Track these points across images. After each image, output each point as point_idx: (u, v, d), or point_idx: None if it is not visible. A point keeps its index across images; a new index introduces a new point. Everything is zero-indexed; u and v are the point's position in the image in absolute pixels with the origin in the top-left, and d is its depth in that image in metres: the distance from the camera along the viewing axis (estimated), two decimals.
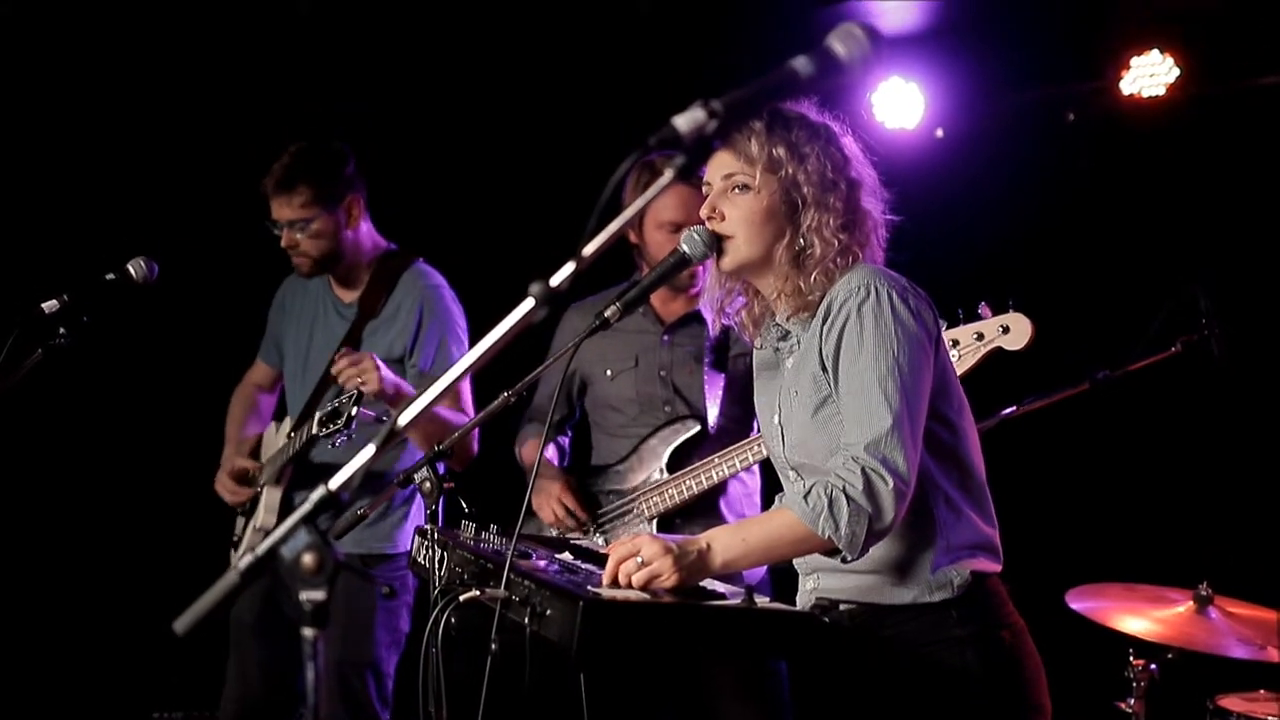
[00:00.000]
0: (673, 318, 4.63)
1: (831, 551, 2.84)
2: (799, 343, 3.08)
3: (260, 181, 4.70)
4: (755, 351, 3.27)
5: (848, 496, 2.77)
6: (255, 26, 5.97)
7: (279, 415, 4.96)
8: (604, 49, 6.24)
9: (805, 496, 2.81)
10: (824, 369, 2.97)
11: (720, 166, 3.04)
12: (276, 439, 4.81)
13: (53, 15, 5.77)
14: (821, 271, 2.99)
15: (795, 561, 3.16)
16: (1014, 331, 4.01)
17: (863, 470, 2.78)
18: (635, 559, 2.78)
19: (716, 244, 3.04)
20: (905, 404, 2.84)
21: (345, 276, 4.84)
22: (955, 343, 4.00)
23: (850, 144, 3.14)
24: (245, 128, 5.87)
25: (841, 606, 3.05)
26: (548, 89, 6.26)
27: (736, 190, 3.03)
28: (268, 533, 4.65)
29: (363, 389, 4.28)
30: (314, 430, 4.37)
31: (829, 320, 2.95)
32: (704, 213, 3.06)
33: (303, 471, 4.73)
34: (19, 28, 5.74)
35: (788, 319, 3.09)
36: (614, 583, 2.78)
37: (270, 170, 4.69)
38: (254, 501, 4.77)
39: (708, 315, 3.28)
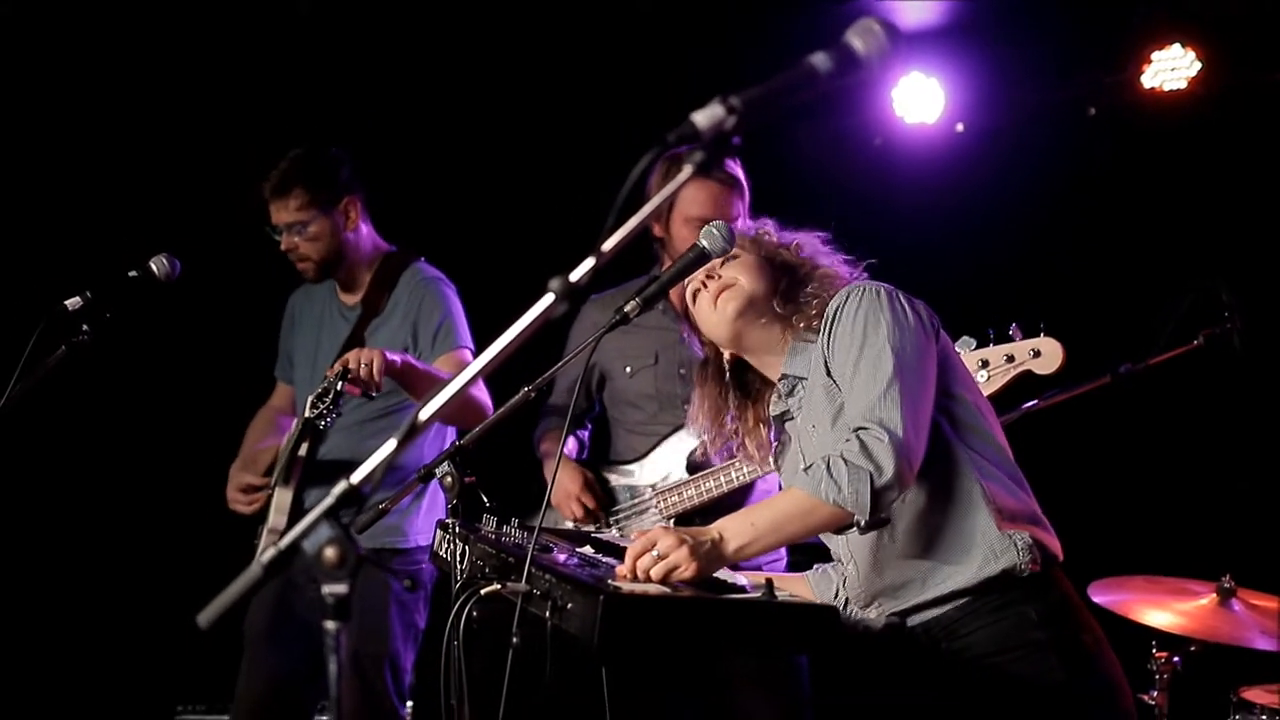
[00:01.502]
0: None
1: (845, 527, 2.86)
2: (803, 385, 3.16)
3: (259, 187, 4.75)
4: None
5: (845, 460, 2.79)
6: (255, 27, 5.98)
7: None
8: (604, 47, 6.24)
9: (805, 470, 2.86)
10: (830, 377, 3.02)
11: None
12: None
13: (60, 15, 5.80)
14: (828, 276, 3.22)
15: (851, 598, 3.16)
16: (1045, 356, 4.02)
17: (856, 435, 2.82)
18: (652, 553, 2.80)
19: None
20: (900, 373, 2.87)
21: (347, 279, 4.89)
22: (985, 363, 4.01)
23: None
24: (254, 126, 5.89)
25: (910, 621, 3.04)
26: (549, 87, 6.26)
27: (725, 262, 3.24)
28: (279, 533, 4.67)
29: (368, 375, 4.26)
30: (306, 414, 4.38)
31: (825, 329, 3.05)
32: (701, 278, 3.25)
33: (312, 470, 4.74)
34: (30, 28, 5.76)
35: (793, 360, 3.19)
36: (633, 577, 2.80)
37: (267, 176, 4.74)
38: (268, 507, 4.79)
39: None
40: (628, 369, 4.65)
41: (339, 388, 4.28)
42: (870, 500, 2.77)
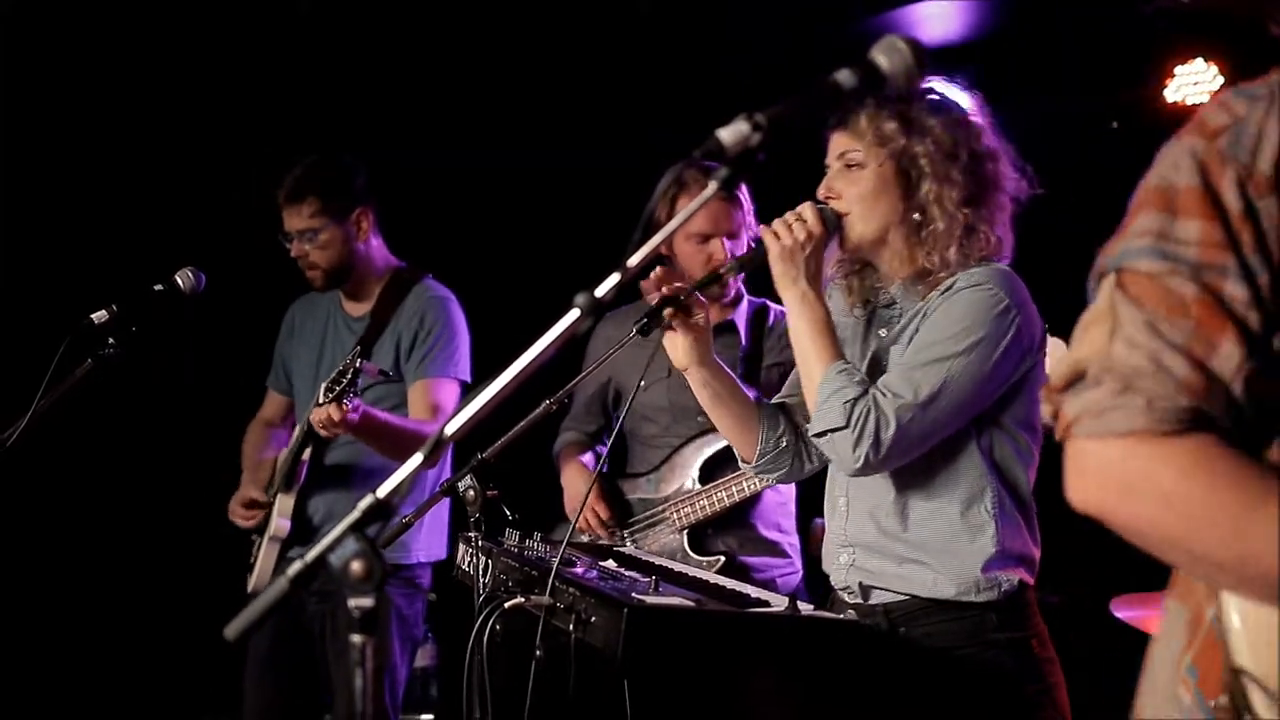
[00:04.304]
0: None
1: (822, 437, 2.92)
2: (902, 314, 3.09)
3: (273, 193, 4.79)
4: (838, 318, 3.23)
5: (874, 409, 2.83)
6: (254, 27, 6.01)
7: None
8: (604, 50, 6.26)
9: (853, 389, 2.88)
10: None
11: (835, 147, 3.07)
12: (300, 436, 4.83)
13: (68, 28, 5.84)
14: (944, 247, 2.99)
15: (828, 535, 3.19)
16: (1049, 355, 4.02)
17: (878, 405, 2.85)
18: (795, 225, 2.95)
19: (837, 221, 3.05)
20: (943, 392, 2.86)
21: (355, 290, 4.91)
22: None
23: (983, 122, 3.16)
24: (265, 131, 5.93)
25: (874, 596, 3.06)
26: (551, 90, 6.28)
27: (850, 168, 3.05)
28: (283, 541, 4.71)
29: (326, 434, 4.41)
30: (320, 401, 4.35)
31: (945, 294, 2.97)
32: (821, 193, 3.07)
33: (317, 475, 4.78)
34: (41, 41, 5.81)
35: (902, 292, 3.10)
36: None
37: (281, 182, 4.78)
38: (267, 519, 4.81)
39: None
40: (642, 383, 4.65)
41: (358, 365, 4.24)
42: (837, 455, 2.89)
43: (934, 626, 2.97)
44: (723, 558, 4.38)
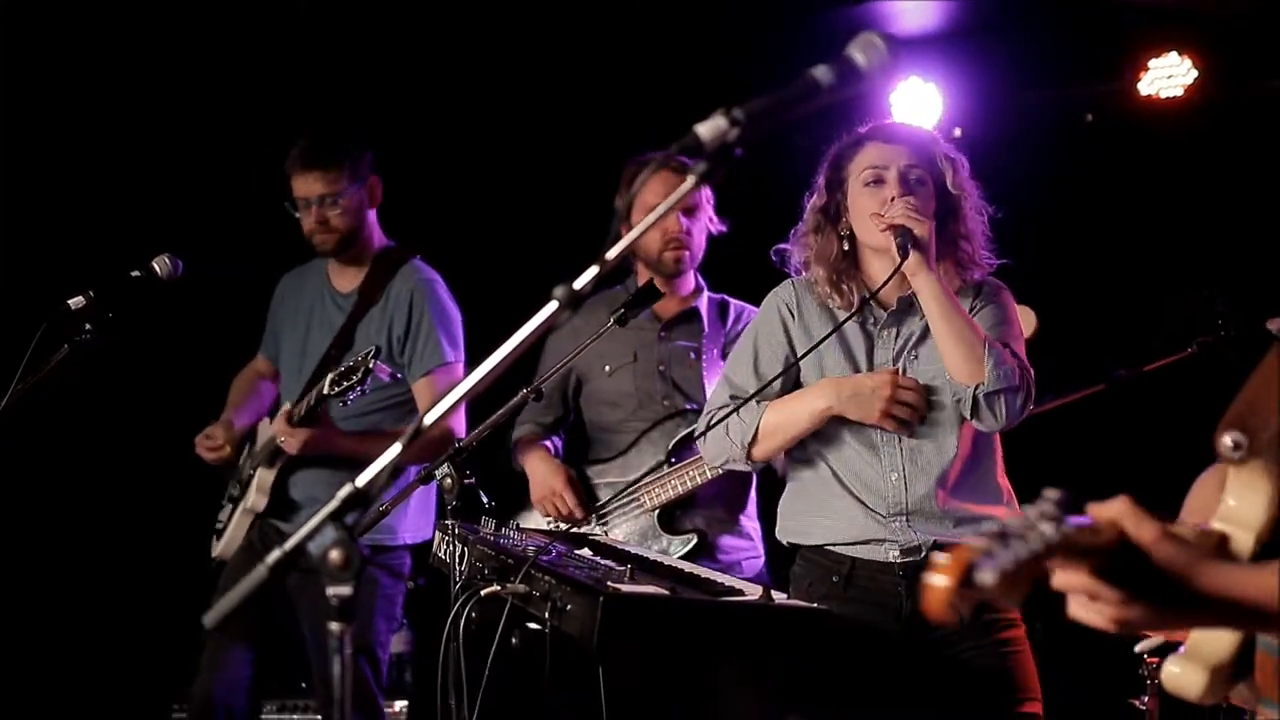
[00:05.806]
0: (669, 315, 4.65)
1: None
2: (912, 320, 3.45)
3: (284, 164, 4.75)
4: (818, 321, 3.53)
5: (1030, 375, 3.32)
6: (253, 26, 6.00)
7: (275, 408, 4.98)
8: (602, 48, 6.26)
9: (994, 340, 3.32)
10: None
11: (897, 158, 3.42)
12: (270, 429, 4.83)
13: (59, 16, 5.83)
14: (983, 266, 3.53)
15: (850, 506, 3.38)
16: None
17: (1024, 373, 3.33)
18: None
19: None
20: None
21: (350, 261, 4.88)
22: None
23: None
24: (254, 126, 5.91)
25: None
26: (546, 88, 6.28)
27: (917, 182, 3.41)
28: (258, 514, 4.72)
29: (286, 449, 4.62)
30: (325, 390, 4.33)
31: (979, 296, 3.50)
32: (900, 192, 3.37)
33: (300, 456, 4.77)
34: (32, 30, 5.79)
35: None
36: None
37: (296, 150, 4.73)
38: (245, 487, 4.82)
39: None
40: (607, 368, 4.66)
41: (371, 365, 4.18)
42: (1004, 411, 3.27)
43: None
44: (695, 536, 4.41)
